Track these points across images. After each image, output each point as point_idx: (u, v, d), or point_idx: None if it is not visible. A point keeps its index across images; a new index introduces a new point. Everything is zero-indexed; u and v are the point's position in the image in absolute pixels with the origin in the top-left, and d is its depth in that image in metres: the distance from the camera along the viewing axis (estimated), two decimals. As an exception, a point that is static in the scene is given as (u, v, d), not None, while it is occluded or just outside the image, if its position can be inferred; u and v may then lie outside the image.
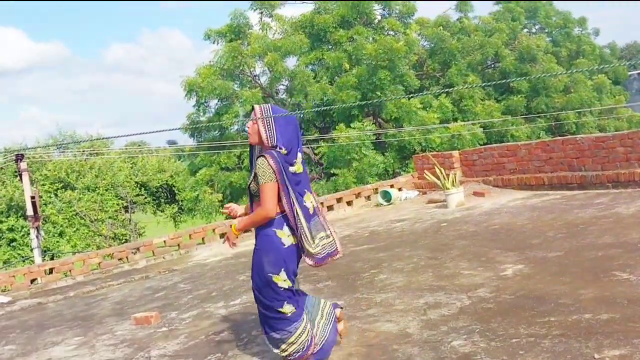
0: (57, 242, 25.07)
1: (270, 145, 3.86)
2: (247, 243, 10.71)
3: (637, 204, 7.57)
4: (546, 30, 32.67)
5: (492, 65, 27.85)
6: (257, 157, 3.90)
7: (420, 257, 6.86)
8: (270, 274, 3.83)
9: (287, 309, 3.87)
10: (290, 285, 3.89)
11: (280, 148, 3.85)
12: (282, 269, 3.85)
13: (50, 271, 10.68)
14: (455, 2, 28.27)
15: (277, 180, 3.80)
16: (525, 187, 10.59)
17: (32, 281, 10.51)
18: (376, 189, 13.07)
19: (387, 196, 12.48)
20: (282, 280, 3.85)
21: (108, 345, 5.61)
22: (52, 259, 22.53)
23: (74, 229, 25.91)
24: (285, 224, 3.89)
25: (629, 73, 40.80)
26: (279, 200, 3.86)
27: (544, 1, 31.42)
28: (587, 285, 4.65)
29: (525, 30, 31.53)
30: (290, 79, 23.89)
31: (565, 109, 25.52)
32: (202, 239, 11.38)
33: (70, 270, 10.62)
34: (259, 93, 23.16)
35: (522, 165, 10.84)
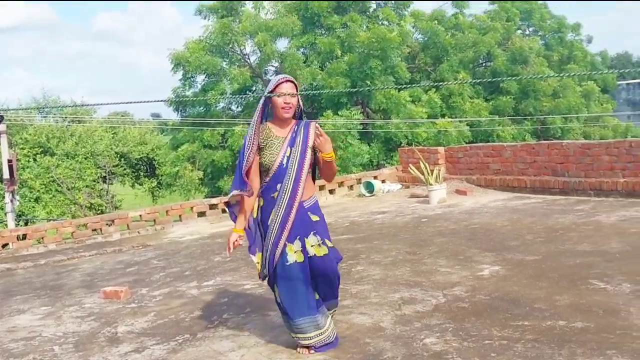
0: (33, 207, 24.78)
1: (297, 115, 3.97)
2: (226, 224, 10.67)
3: (618, 214, 7.61)
4: (540, 33, 32.79)
5: (484, 64, 27.92)
6: (308, 123, 3.90)
7: (399, 251, 6.85)
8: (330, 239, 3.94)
9: None
10: None
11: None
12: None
13: (23, 237, 10.53)
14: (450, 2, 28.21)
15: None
16: (508, 188, 10.61)
17: (4, 246, 10.37)
18: (359, 179, 13.03)
19: (369, 187, 12.45)
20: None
21: (75, 318, 5.53)
22: (26, 224, 22.31)
23: (51, 195, 25.61)
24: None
25: (618, 82, 41.15)
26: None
27: (540, 1, 31.48)
28: (563, 292, 4.66)
29: (519, 31, 31.59)
30: (280, 60, 23.75)
31: (552, 113, 25.69)
32: (180, 216, 11.28)
33: (42, 238, 10.47)
34: (247, 72, 23.02)
35: (506, 167, 10.86)
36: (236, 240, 3.94)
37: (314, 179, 4.04)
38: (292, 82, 3.85)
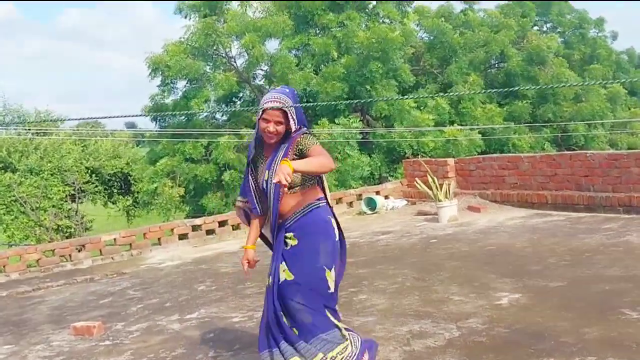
0: (-8, 230, 24.68)
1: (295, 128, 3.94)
2: (211, 247, 10.65)
3: (650, 233, 7.61)
4: (559, 30, 32.91)
5: (497, 65, 27.99)
6: (292, 139, 3.90)
7: (406, 276, 6.83)
8: (325, 267, 3.83)
9: (331, 316, 3.86)
10: (334, 289, 3.92)
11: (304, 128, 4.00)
12: (334, 265, 3.91)
13: (-19, 265, 10.47)
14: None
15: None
16: (526, 204, 10.61)
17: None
18: (360, 195, 13.03)
19: (371, 204, 12.45)
20: (331, 279, 3.87)
21: (42, 358, 5.49)
22: (-16, 250, 22.17)
23: (12, 216, 25.47)
24: (331, 213, 4.00)
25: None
26: (320, 184, 4.01)
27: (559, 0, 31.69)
28: (591, 323, 4.64)
29: (536, 28, 31.75)
30: (270, 64, 23.77)
31: (574, 119, 25.67)
32: (159, 239, 11.25)
33: (4, 266, 10.40)
34: (233, 77, 23.00)
35: (523, 180, 10.87)
36: (250, 259, 4.19)
37: (323, 190, 4.07)
38: (277, 106, 3.85)
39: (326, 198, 4.02)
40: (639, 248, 6.92)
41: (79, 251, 10.84)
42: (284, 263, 3.86)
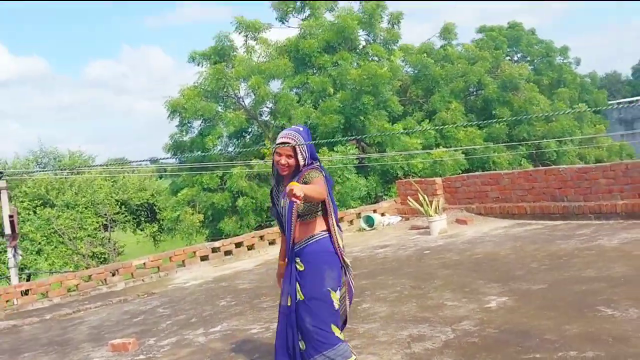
0: (35, 260, 24.64)
1: (305, 164, 3.96)
2: (229, 266, 10.62)
3: (619, 236, 7.58)
4: (528, 59, 33.15)
5: (475, 93, 28.09)
6: (302, 172, 3.93)
7: (404, 285, 6.80)
8: (329, 290, 3.83)
9: (338, 330, 3.85)
10: (339, 306, 3.92)
11: (316, 161, 4.01)
12: (339, 287, 3.91)
13: (26, 292, 10.46)
14: (438, 31, 28.50)
15: (327, 193, 3.89)
16: (508, 215, 10.59)
17: (8, 302, 10.28)
18: (359, 213, 13.02)
19: (369, 221, 12.43)
20: (337, 299, 3.88)
21: (84, 373, 5.47)
22: (28, 278, 22.14)
23: (52, 246, 25.49)
24: (332, 243, 3.96)
25: (609, 102, 41.41)
26: (325, 215, 3.96)
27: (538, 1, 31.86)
28: (571, 321, 4.62)
29: (508, 58, 31.91)
30: (274, 101, 23.88)
31: (546, 137, 25.76)
32: (183, 261, 11.22)
33: (47, 292, 10.39)
34: (242, 115, 23.13)
35: (504, 194, 10.86)
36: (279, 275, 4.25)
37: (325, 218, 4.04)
38: (287, 142, 3.92)
39: (330, 230, 3.97)
40: (610, 251, 6.90)
41: (113, 275, 10.82)
42: (297, 284, 3.88)
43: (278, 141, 3.95)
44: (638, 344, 3.97)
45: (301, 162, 3.92)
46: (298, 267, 3.91)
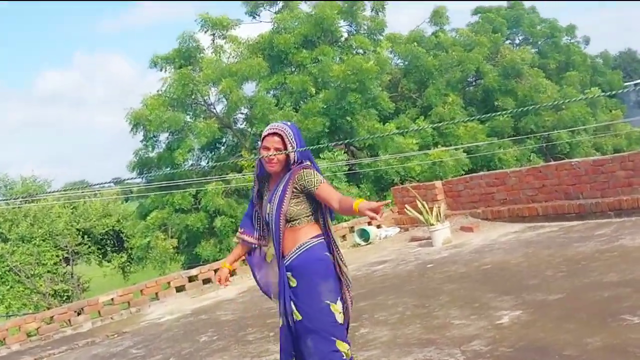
0: (-11, 303, 24.52)
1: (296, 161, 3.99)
2: (209, 296, 10.59)
3: (643, 234, 7.64)
4: (531, 41, 33.32)
5: (474, 83, 28.25)
6: (292, 172, 3.95)
7: (406, 305, 6.82)
8: (329, 302, 3.85)
9: (345, 346, 3.87)
10: (343, 319, 3.93)
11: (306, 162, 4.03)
12: (339, 298, 3.92)
13: (-20, 340, 10.37)
14: (428, 16, 28.65)
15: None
16: (518, 218, 10.63)
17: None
18: (352, 227, 13.03)
19: (364, 235, 12.45)
20: (338, 311, 3.89)
21: None
22: (-18, 323, 21.95)
23: (8, 286, 25.36)
24: (327, 249, 4.02)
25: (625, 84, 41.66)
26: (320, 219, 4.03)
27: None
28: (594, 332, 4.65)
29: (508, 41, 32.15)
30: (249, 106, 23.88)
31: (556, 127, 25.86)
32: (156, 293, 11.18)
33: (4, 338, 10.31)
34: (214, 123, 23.12)
35: (512, 195, 10.91)
36: (223, 277, 4.29)
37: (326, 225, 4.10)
38: (277, 133, 3.95)
39: (329, 232, 4.07)
40: (633, 251, 6.95)
41: (78, 315, 10.75)
42: (292, 303, 3.90)
43: (265, 133, 3.99)
44: (668, 353, 4.00)
45: (292, 157, 3.96)
46: (290, 283, 3.93)
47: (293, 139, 3.94)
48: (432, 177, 20.17)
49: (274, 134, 3.94)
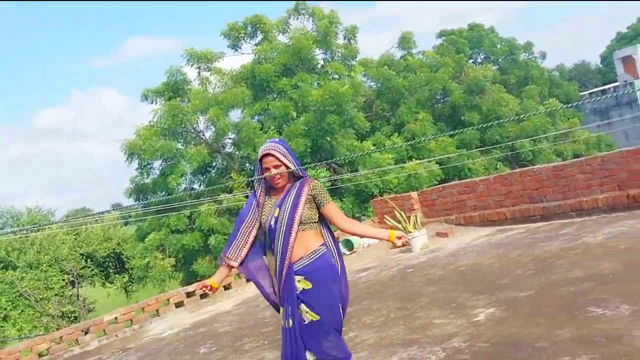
0: (1, 327, 24.21)
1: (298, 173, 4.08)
2: (206, 310, 10.52)
3: (604, 232, 7.69)
4: (492, 59, 33.65)
5: (442, 100, 28.39)
6: (304, 180, 4.05)
7: (390, 308, 6.82)
8: (338, 306, 3.95)
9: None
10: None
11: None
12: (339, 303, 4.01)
13: (-6, 363, 10.26)
14: (396, 41, 28.80)
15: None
16: (488, 223, 10.69)
17: (-25, 376, 10.07)
18: (338, 237, 12.99)
19: (348, 245, 12.45)
20: (341, 313, 4.01)
21: None
22: (-4, 346, 21.69)
23: (19, 310, 25.10)
24: (332, 257, 4.05)
25: (581, 94, 42.08)
26: (323, 229, 4.09)
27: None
28: (562, 325, 4.66)
29: (471, 61, 32.40)
30: (236, 131, 23.87)
31: (519, 137, 26.05)
32: (157, 310, 11.10)
33: (16, 360, 10.21)
34: (204, 149, 23.08)
35: (482, 201, 10.97)
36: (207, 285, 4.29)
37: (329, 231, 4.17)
38: (271, 154, 3.98)
39: (333, 237, 4.14)
40: (595, 248, 6.98)
41: (84, 334, 10.65)
42: (303, 305, 3.89)
43: (261, 154, 4.01)
44: (632, 342, 4.02)
45: (288, 163, 3.99)
46: (303, 285, 3.91)
47: (286, 153, 4.00)
48: (408, 189, 20.25)
49: (268, 154, 3.98)
